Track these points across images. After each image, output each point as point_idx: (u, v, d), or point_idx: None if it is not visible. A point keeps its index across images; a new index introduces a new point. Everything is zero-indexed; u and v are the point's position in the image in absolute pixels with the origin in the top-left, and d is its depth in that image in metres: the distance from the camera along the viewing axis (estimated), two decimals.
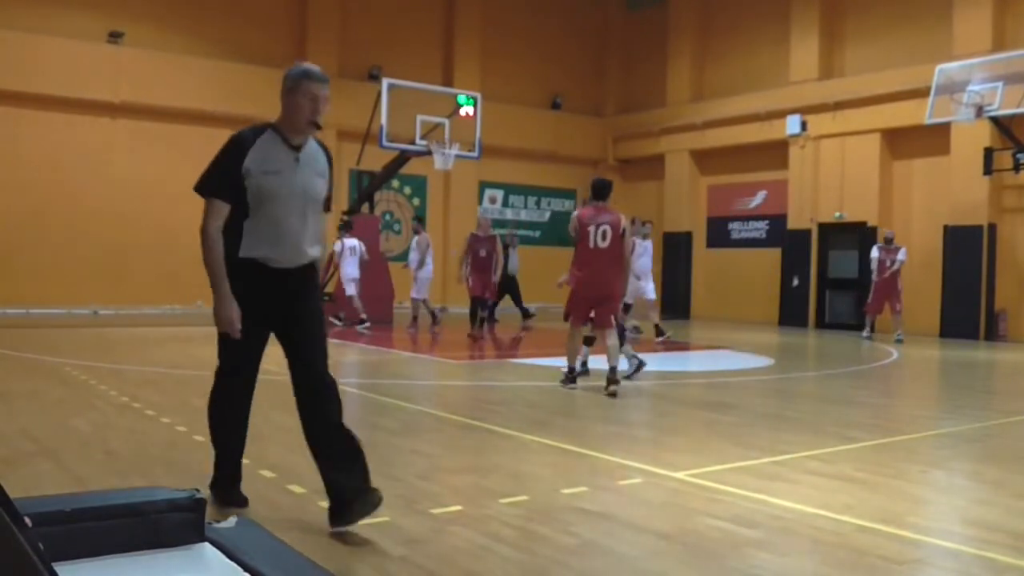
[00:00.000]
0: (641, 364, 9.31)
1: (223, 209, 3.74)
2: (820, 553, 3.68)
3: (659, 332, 14.12)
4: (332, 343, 8.84)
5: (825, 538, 3.87)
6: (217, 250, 3.74)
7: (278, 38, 19.63)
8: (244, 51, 18.89)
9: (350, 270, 15.16)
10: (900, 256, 15.37)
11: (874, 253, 15.68)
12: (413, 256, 16.06)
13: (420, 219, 17.89)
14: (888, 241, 15.59)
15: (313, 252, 3.95)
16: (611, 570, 3.43)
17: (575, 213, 8.57)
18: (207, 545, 2.24)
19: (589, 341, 9.39)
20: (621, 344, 9.21)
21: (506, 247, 18.32)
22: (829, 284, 19.13)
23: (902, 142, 17.94)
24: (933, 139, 16.80)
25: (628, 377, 9.07)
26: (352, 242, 15.34)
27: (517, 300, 18.29)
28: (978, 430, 6.85)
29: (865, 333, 15.80)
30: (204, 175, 3.80)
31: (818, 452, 5.75)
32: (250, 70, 18.68)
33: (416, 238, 16.28)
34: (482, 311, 14.39)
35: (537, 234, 23.68)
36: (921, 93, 16.11)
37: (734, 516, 4.17)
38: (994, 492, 4.87)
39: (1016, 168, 15.31)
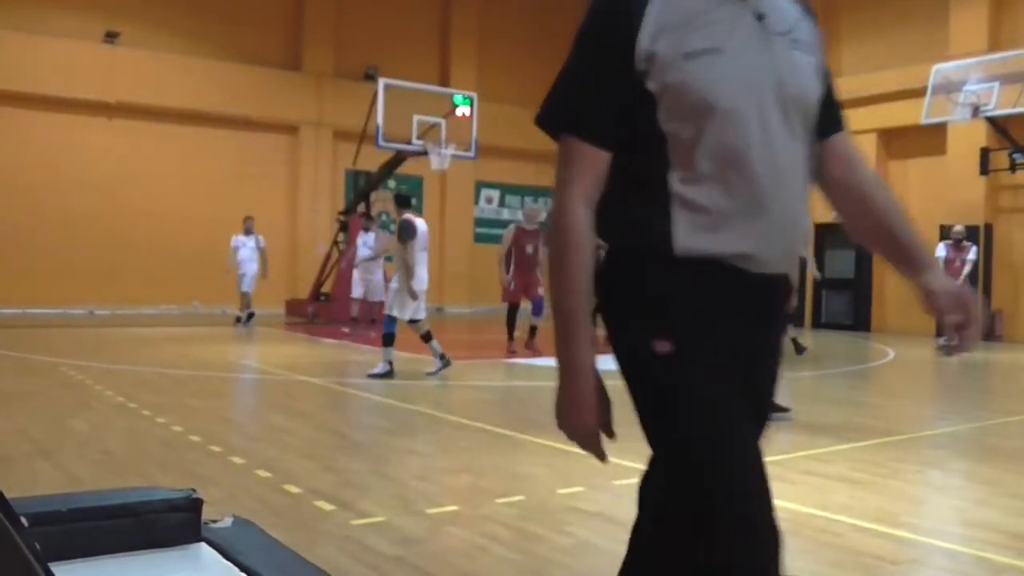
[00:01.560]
0: (447, 363, 9.19)
1: (596, 160, 1.67)
2: (816, 553, 3.68)
3: (798, 348, 11.97)
4: (331, 343, 8.85)
5: (821, 538, 3.88)
6: (577, 257, 1.66)
7: (274, 38, 19.60)
8: (240, 51, 18.86)
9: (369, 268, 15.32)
10: (971, 256, 13.93)
11: (940, 252, 14.03)
12: (365, 252, 15.33)
13: (371, 217, 16.71)
14: (957, 240, 14.05)
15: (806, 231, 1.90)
16: (607, 570, 3.42)
17: None
18: (203, 545, 2.24)
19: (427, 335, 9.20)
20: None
21: (598, 248, 18.01)
22: (826, 284, 19.10)
23: (898, 142, 17.97)
24: (929, 139, 16.83)
25: (430, 374, 9.11)
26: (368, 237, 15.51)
27: None
28: (974, 430, 6.86)
29: (943, 340, 14.23)
30: (556, 88, 1.76)
31: (815, 452, 5.76)
32: (246, 70, 18.68)
33: (369, 235, 15.56)
34: (535, 317, 11.93)
35: None
36: (917, 93, 16.13)
37: None
38: (990, 492, 4.87)
39: (1012, 168, 15.34)
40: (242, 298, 15.64)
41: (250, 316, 15.54)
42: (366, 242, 15.47)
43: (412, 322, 9.24)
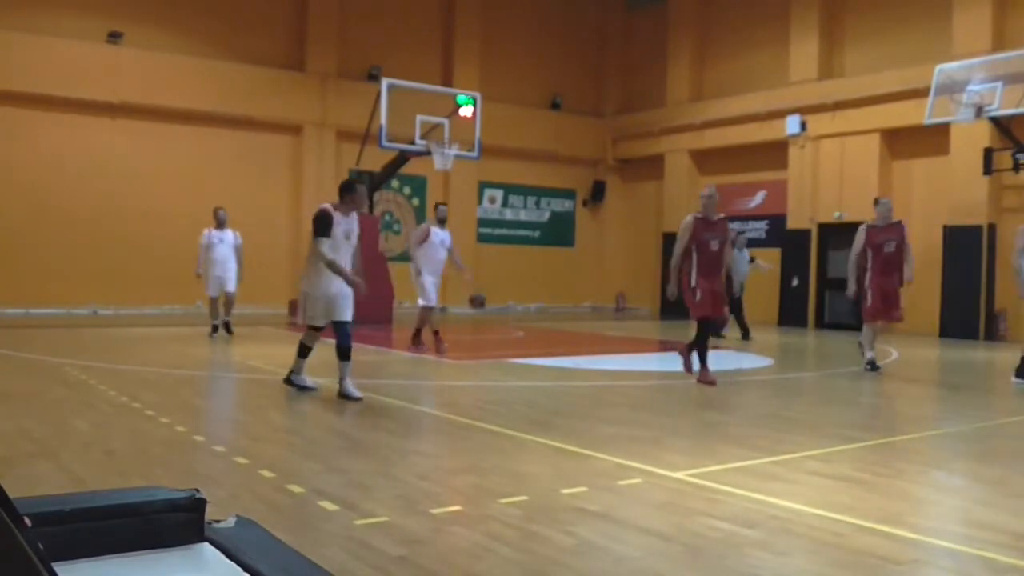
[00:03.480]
0: (292, 380, 8.07)
1: None
2: (819, 553, 3.68)
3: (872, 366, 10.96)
4: (327, 343, 8.89)
5: (824, 538, 3.87)
6: None
7: (277, 38, 19.63)
8: (244, 51, 18.89)
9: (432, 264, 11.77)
10: None
11: None
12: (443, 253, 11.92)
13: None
14: None
15: None
16: (611, 570, 3.43)
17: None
18: (207, 545, 2.24)
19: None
20: None
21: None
22: (829, 284, 19.12)
23: (902, 142, 17.95)
24: (933, 139, 16.82)
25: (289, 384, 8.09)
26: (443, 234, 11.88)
27: (739, 313, 15.38)
28: (977, 430, 6.85)
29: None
30: None
31: (818, 452, 5.75)
32: (250, 70, 18.71)
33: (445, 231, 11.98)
34: (717, 337, 9.04)
35: (536, 234, 23.69)
36: (921, 93, 16.12)
37: (734, 516, 4.17)
38: (993, 492, 4.86)
39: (1016, 168, 15.32)
40: (225, 303, 13.36)
41: (227, 325, 13.37)
42: (443, 240, 11.87)
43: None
